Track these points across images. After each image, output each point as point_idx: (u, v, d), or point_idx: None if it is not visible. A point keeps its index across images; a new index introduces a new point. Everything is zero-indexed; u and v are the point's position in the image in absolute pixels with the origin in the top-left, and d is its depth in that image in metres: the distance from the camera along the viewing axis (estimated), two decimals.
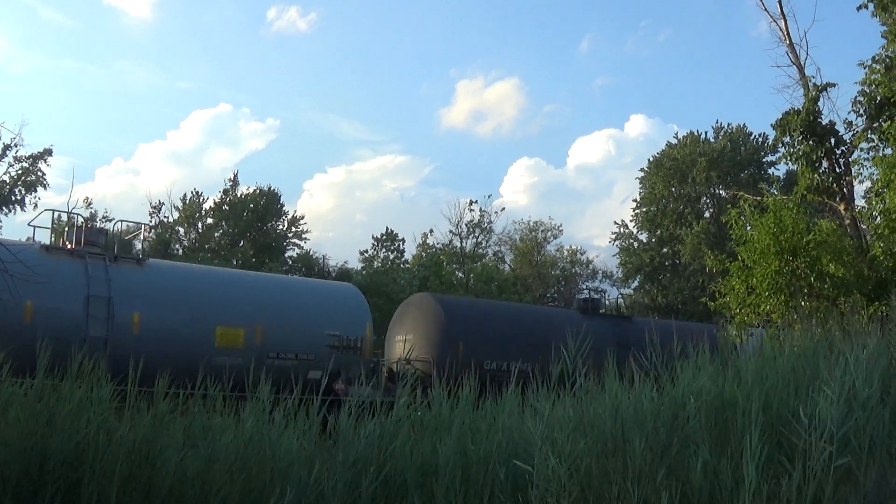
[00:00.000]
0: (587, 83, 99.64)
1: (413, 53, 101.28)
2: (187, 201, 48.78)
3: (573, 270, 55.77)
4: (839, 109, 23.42)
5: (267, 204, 50.27)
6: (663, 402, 5.87)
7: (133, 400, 6.55)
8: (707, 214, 50.43)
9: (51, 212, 18.35)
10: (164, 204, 47.83)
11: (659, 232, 51.14)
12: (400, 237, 54.37)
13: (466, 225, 53.73)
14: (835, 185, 18.87)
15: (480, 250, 54.89)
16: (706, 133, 51.80)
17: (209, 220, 49.25)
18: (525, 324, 23.28)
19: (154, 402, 6.41)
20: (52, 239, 17.81)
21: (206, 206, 49.25)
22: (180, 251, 44.17)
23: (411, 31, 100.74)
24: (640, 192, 53.09)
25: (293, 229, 51.88)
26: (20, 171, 34.06)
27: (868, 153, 18.80)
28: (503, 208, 55.54)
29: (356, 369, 17.19)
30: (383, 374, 21.06)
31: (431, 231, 53.89)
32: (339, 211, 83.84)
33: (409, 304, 23.54)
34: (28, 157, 34.38)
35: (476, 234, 54.49)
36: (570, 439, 5.33)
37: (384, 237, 54.17)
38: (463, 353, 20.32)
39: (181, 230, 48.55)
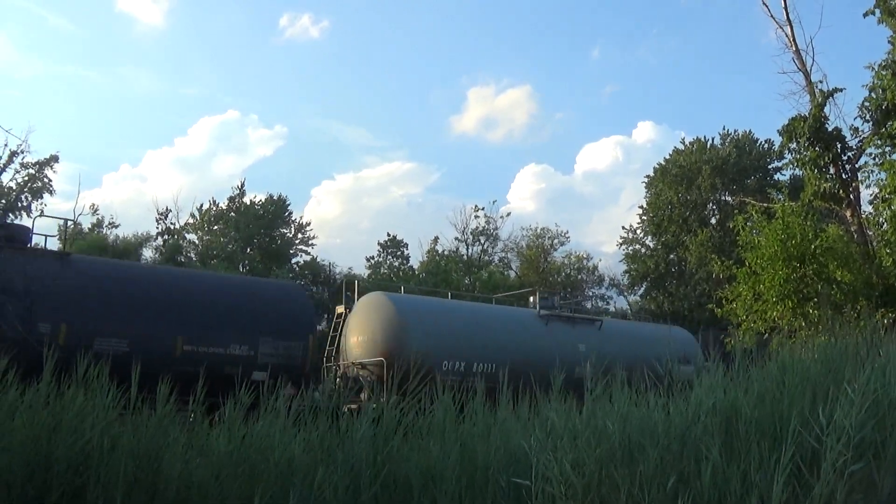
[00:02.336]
0: (597, 90, 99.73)
1: (424, 61, 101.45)
2: (202, 209, 48.89)
3: (579, 277, 55.64)
4: (845, 115, 23.38)
5: (275, 211, 50.35)
6: (674, 416, 5.81)
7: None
8: (713, 221, 50.38)
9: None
10: (170, 210, 48.00)
11: (664, 238, 51.09)
12: (404, 243, 54.45)
13: (472, 233, 53.76)
14: (841, 191, 18.82)
15: (487, 257, 54.86)
16: (713, 139, 51.84)
17: (219, 226, 49.39)
18: None
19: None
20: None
21: (215, 212, 49.42)
22: (195, 258, 44.23)
23: (423, 38, 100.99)
24: (647, 199, 53.10)
25: (300, 236, 51.97)
26: (27, 178, 34.24)
27: (876, 159, 18.76)
28: (509, 213, 55.41)
29: None
30: None
31: (437, 238, 53.95)
32: (346, 217, 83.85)
33: None
34: (35, 164, 34.61)
35: (482, 242, 54.50)
36: (575, 447, 5.29)
37: (388, 243, 54.21)
38: None
39: (195, 237, 48.69)
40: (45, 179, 35.63)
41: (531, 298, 25.41)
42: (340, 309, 21.68)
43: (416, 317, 20.13)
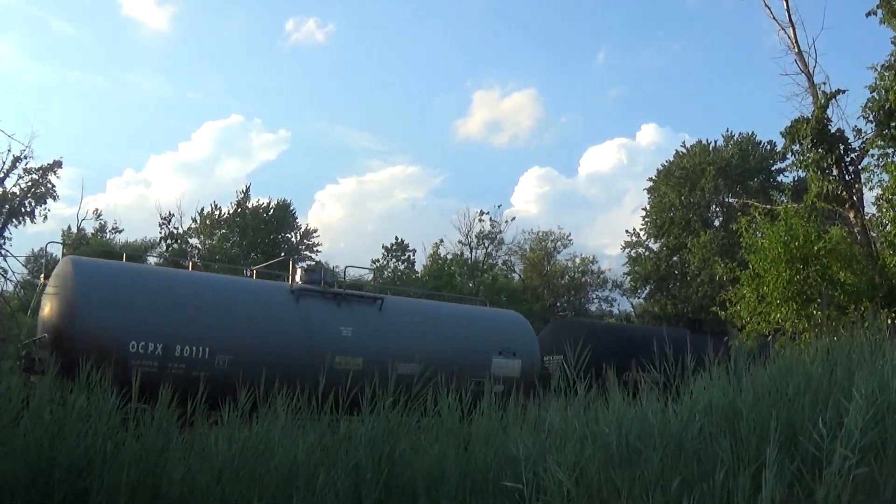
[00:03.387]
0: (602, 93, 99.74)
1: (429, 64, 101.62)
2: (205, 214, 48.90)
3: (583, 280, 55.49)
4: (848, 117, 23.36)
5: (280, 216, 50.32)
6: (671, 416, 5.80)
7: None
8: (716, 223, 50.28)
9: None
10: (174, 215, 48.01)
11: (667, 240, 51.00)
12: (411, 247, 54.42)
13: (476, 237, 53.69)
14: (844, 192, 18.79)
15: (491, 260, 54.77)
16: (716, 141, 51.81)
17: (223, 231, 49.36)
18: None
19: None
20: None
21: (218, 216, 49.44)
22: (199, 262, 44.22)
23: (428, 42, 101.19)
24: (650, 201, 53.03)
25: (305, 242, 51.95)
26: (30, 183, 34.25)
27: (879, 160, 18.74)
28: (514, 218, 55.27)
29: None
30: None
31: (441, 241, 53.90)
32: (350, 221, 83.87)
33: None
34: (38, 169, 34.58)
35: (486, 245, 54.40)
36: (577, 450, 5.28)
37: (394, 247, 54.18)
38: None
39: (196, 241, 48.67)
40: (49, 185, 35.64)
41: (297, 272, 20.24)
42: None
43: (100, 285, 16.20)
